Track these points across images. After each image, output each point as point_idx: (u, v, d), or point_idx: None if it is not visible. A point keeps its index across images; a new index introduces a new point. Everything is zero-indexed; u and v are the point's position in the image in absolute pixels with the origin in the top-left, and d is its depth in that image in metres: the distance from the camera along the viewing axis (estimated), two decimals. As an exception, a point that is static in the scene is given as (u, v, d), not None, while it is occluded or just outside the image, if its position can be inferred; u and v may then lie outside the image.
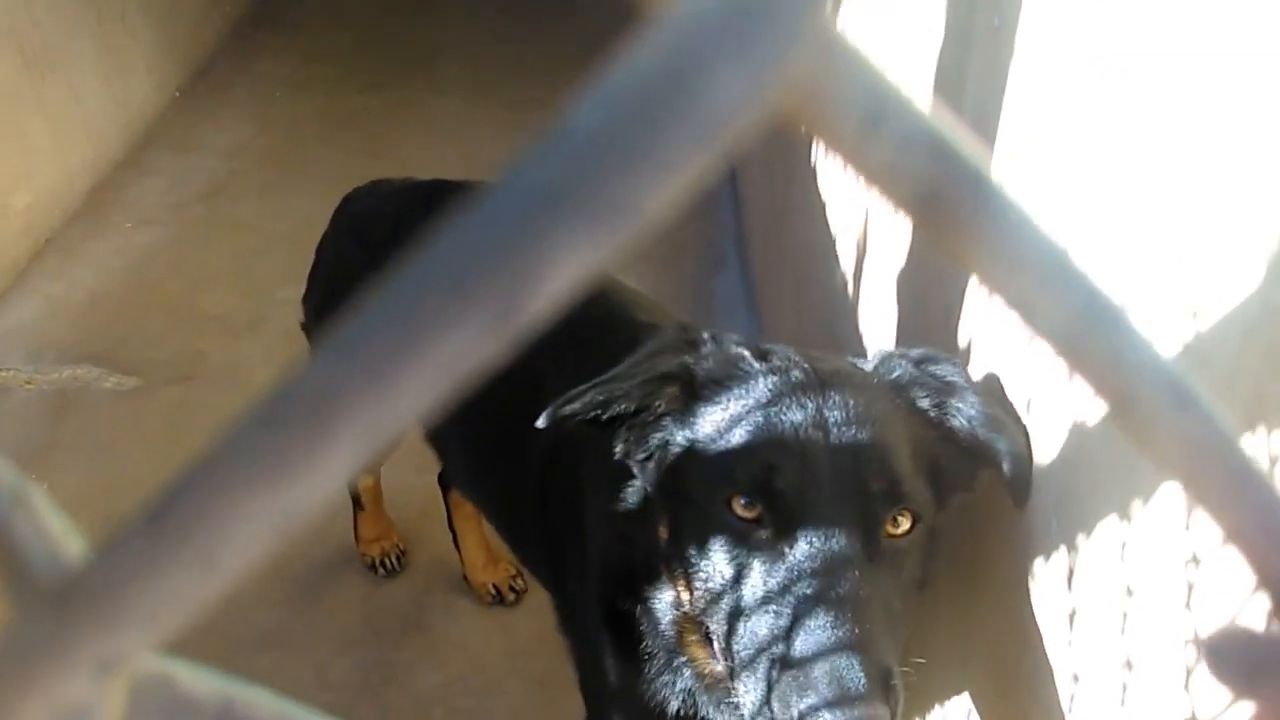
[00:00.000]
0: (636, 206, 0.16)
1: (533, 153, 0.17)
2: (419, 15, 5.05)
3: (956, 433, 0.97)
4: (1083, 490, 0.87)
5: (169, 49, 4.19)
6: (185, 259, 3.31)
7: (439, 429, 1.80)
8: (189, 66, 4.34)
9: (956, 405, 0.98)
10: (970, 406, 0.97)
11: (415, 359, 0.17)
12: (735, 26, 0.16)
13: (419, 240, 0.17)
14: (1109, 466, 0.82)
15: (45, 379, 2.82)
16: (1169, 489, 0.72)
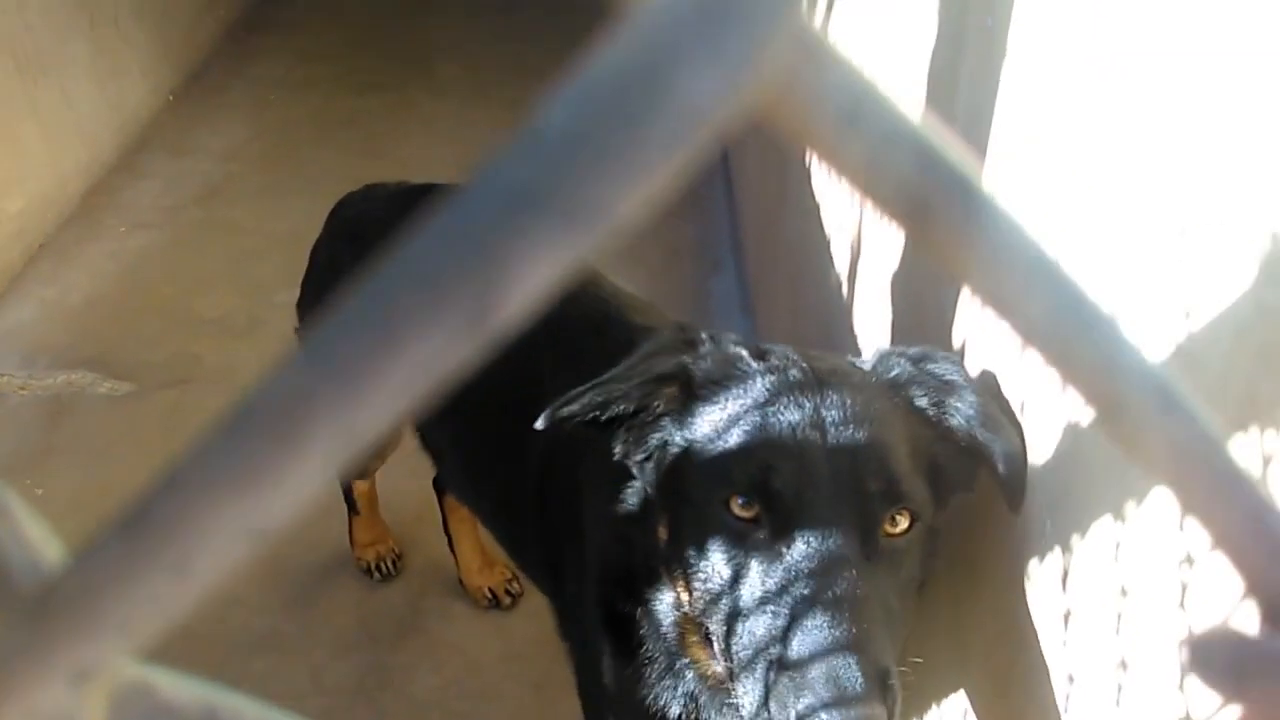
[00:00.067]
0: (610, 206, 0.16)
1: (505, 153, 0.16)
2: (416, 15, 5.04)
3: (955, 432, 0.97)
4: (1077, 491, 0.87)
5: (163, 52, 4.19)
6: (180, 262, 3.30)
7: (434, 434, 1.80)
8: (183, 69, 4.34)
9: (955, 404, 0.97)
10: (969, 406, 0.96)
11: (388, 363, 0.17)
12: (709, 22, 0.16)
13: (392, 243, 0.17)
14: (1103, 467, 0.82)
15: (40, 384, 2.81)
16: (1162, 490, 0.72)
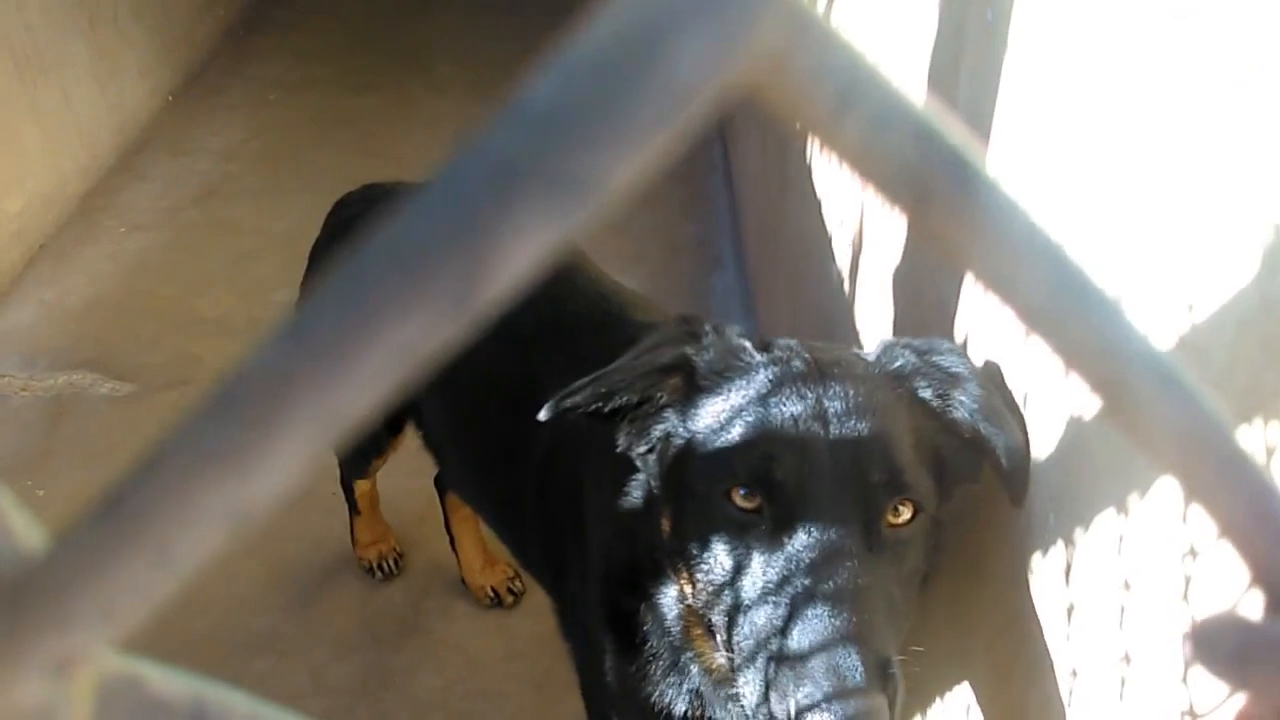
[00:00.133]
0: (597, 183, 0.16)
1: (489, 128, 0.16)
2: (415, 15, 5.03)
3: (959, 424, 0.97)
4: (1080, 484, 0.87)
5: (162, 53, 4.18)
6: (180, 263, 3.29)
7: (437, 432, 1.80)
8: (182, 70, 4.33)
9: (959, 397, 0.97)
10: (972, 399, 0.96)
11: (370, 343, 0.16)
12: (697, -6, 0.16)
13: (374, 222, 0.16)
14: (1106, 460, 0.82)
15: (40, 385, 2.81)
16: (1166, 483, 0.72)
